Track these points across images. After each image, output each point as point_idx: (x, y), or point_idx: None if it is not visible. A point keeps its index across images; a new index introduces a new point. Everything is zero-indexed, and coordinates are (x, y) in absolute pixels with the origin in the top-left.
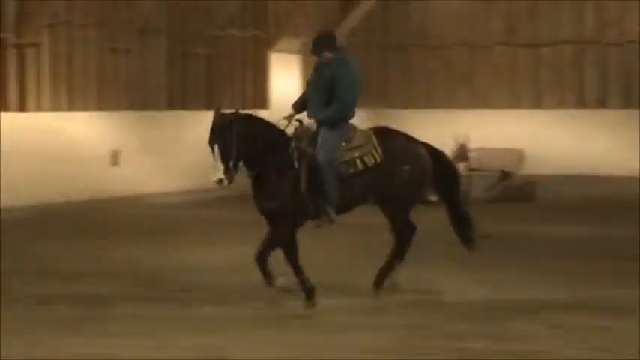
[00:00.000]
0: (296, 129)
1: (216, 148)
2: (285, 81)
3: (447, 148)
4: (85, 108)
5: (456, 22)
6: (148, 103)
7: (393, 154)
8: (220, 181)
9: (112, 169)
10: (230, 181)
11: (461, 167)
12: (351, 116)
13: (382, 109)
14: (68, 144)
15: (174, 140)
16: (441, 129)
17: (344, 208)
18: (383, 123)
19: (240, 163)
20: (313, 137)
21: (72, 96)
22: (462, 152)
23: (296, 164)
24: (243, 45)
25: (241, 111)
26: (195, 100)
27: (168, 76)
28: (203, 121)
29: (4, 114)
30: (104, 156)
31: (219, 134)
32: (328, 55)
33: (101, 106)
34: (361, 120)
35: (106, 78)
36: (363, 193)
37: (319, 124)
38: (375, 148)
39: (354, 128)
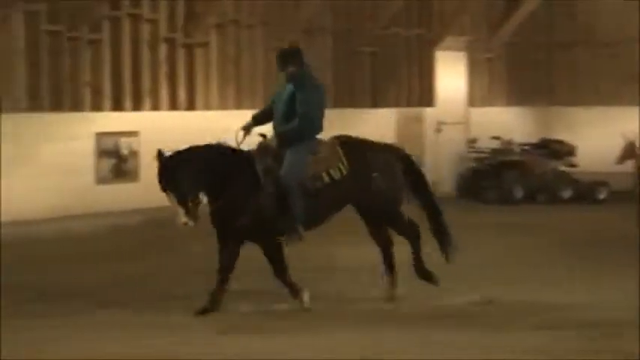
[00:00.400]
0: (259, 144)
1: (170, 194)
2: (451, 79)
3: (615, 145)
4: (252, 106)
5: (623, 19)
6: None
7: (361, 164)
8: (185, 223)
9: None
10: (195, 220)
11: (629, 164)
12: (318, 132)
13: (547, 107)
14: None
15: None
16: (608, 126)
17: (312, 222)
18: (549, 121)
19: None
20: (277, 153)
21: (239, 95)
22: (631, 150)
23: (262, 180)
24: (408, 43)
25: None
26: (362, 98)
27: (334, 74)
28: (370, 118)
29: (173, 113)
30: None
31: (170, 178)
32: (292, 70)
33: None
34: (525, 118)
35: (272, 77)
36: (332, 206)
37: (279, 136)
38: (340, 161)
39: (319, 141)
